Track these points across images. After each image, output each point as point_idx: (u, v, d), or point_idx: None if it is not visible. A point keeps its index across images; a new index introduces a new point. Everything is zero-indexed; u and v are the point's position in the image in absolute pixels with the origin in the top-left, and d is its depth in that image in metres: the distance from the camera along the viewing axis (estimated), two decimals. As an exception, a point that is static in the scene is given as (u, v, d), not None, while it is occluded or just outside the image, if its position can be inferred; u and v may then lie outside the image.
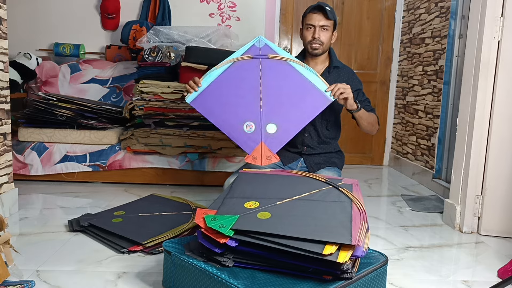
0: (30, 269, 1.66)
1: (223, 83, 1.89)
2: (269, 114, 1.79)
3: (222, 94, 1.88)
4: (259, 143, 1.74)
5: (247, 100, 1.82)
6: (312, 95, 1.80)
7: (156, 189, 2.91)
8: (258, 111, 1.78)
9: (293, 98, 1.81)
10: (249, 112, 1.80)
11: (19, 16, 3.68)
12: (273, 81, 1.84)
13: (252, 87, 1.84)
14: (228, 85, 1.89)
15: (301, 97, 1.81)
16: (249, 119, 1.80)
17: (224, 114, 1.85)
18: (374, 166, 4.14)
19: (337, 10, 3.89)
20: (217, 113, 1.87)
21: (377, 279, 1.43)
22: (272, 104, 1.80)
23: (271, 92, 1.82)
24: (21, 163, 2.95)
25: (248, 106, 1.81)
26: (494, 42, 2.16)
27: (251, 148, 1.76)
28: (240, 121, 1.81)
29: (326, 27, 2.11)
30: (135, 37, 3.39)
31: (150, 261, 1.77)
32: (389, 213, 2.62)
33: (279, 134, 1.78)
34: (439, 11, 3.23)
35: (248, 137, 1.78)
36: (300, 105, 1.80)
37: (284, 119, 1.79)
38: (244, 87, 1.86)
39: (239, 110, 1.84)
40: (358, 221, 1.40)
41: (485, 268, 1.84)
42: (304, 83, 1.80)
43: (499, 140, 2.18)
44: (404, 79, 3.89)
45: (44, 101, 2.97)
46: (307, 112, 1.79)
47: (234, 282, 1.28)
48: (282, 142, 1.80)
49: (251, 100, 1.82)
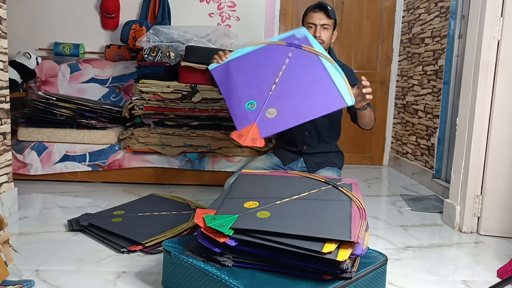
0: (30, 269, 1.66)
1: (248, 61, 1.85)
2: (276, 99, 1.71)
3: (242, 69, 1.83)
4: (252, 123, 1.67)
5: (261, 80, 1.77)
6: (328, 93, 1.69)
7: (156, 188, 2.91)
8: (267, 93, 1.72)
9: (306, 90, 1.72)
10: (258, 92, 1.74)
11: (18, 16, 3.68)
12: (296, 70, 1.77)
13: (273, 71, 1.78)
14: (251, 63, 1.84)
15: (316, 92, 1.72)
16: (255, 98, 1.73)
17: (235, 88, 1.80)
18: (373, 166, 4.14)
19: (337, 10, 3.89)
20: (229, 85, 1.82)
21: (377, 279, 1.43)
22: (283, 91, 1.73)
23: (288, 80, 1.75)
24: (21, 163, 2.95)
25: (260, 86, 1.75)
26: (493, 42, 2.16)
27: (243, 125, 1.69)
28: (246, 98, 1.75)
29: (326, 26, 2.12)
30: (134, 36, 3.39)
31: (149, 260, 1.77)
32: (389, 213, 2.62)
33: (276, 119, 1.68)
34: (439, 11, 3.23)
35: (245, 114, 1.71)
36: (311, 99, 1.70)
37: (288, 107, 1.70)
38: (265, 68, 1.81)
39: (250, 88, 1.78)
40: (358, 219, 1.41)
41: (485, 268, 1.84)
42: (326, 80, 1.70)
43: (499, 139, 2.19)
44: (403, 79, 3.89)
45: (43, 101, 2.97)
46: (316, 108, 1.69)
47: (233, 282, 1.28)
48: (276, 128, 1.69)
49: (265, 82, 1.76)
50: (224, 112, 2.96)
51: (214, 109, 2.96)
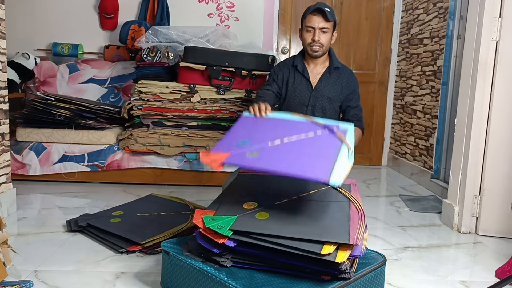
0: (28, 269, 1.65)
1: (278, 123, 1.73)
2: (269, 149, 1.54)
3: (267, 126, 1.72)
4: (228, 152, 1.51)
5: (272, 135, 1.62)
6: (321, 164, 1.46)
7: (155, 189, 2.91)
8: (266, 143, 1.56)
9: (303, 154, 1.52)
10: (260, 139, 1.60)
11: (17, 16, 3.68)
12: (311, 142, 1.59)
13: (290, 134, 1.62)
14: (278, 125, 1.72)
15: (310, 158, 1.50)
16: (252, 141, 1.60)
17: (246, 132, 1.70)
18: (372, 166, 4.14)
19: (336, 10, 3.89)
20: (243, 129, 1.72)
21: (375, 279, 1.44)
22: (282, 147, 1.55)
23: (296, 144, 1.57)
24: (19, 163, 2.95)
25: (266, 136, 1.61)
26: (492, 42, 2.17)
27: (218, 150, 1.54)
28: (245, 138, 1.63)
29: (325, 29, 2.11)
30: (133, 37, 3.39)
31: (148, 261, 1.77)
32: (387, 213, 2.62)
33: (251, 159, 1.49)
34: (438, 11, 3.23)
35: (230, 145, 1.58)
36: (298, 160, 1.48)
37: (271, 156, 1.50)
38: (285, 131, 1.65)
39: (257, 136, 1.65)
40: (356, 220, 1.41)
41: (483, 268, 1.84)
42: (330, 155, 1.50)
43: (497, 140, 2.19)
44: (402, 80, 3.90)
45: (42, 101, 2.96)
46: (296, 167, 1.44)
47: (232, 282, 1.28)
48: (245, 163, 1.49)
49: (274, 136, 1.60)
50: (222, 112, 2.96)
51: (212, 110, 2.96)
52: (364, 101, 4.02)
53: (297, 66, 2.24)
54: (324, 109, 2.22)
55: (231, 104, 2.98)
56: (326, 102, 2.21)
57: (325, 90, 2.21)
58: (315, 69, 2.24)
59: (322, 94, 2.21)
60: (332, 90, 2.21)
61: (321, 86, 2.22)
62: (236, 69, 2.95)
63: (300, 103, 2.23)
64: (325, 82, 2.22)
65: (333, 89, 2.21)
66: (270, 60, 3.01)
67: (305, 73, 2.23)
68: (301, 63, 2.25)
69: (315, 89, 2.22)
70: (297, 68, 2.25)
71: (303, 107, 2.23)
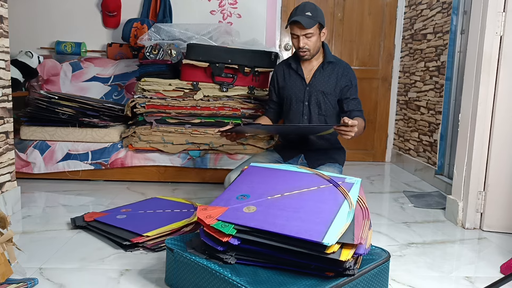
0: (33, 267, 1.66)
1: (284, 173, 1.71)
2: (267, 204, 1.50)
3: (272, 176, 1.70)
4: (226, 207, 1.50)
5: (273, 189, 1.59)
6: (316, 224, 1.37)
7: (158, 186, 2.92)
8: (265, 197, 1.54)
9: (301, 211, 1.45)
10: (261, 193, 1.57)
11: (20, 15, 3.68)
12: (311, 196, 1.54)
13: (291, 187, 1.59)
14: (283, 177, 1.69)
15: (306, 217, 1.42)
16: (252, 195, 1.57)
17: (249, 182, 1.68)
18: (376, 163, 4.14)
19: (339, 7, 3.88)
20: (247, 178, 1.71)
21: (380, 275, 1.43)
22: (281, 202, 1.51)
23: (295, 198, 1.53)
24: (24, 162, 2.96)
25: (267, 190, 1.58)
26: (496, 37, 2.15)
27: (217, 204, 1.53)
28: (245, 191, 1.61)
29: (309, 34, 2.11)
30: (136, 35, 3.39)
31: (152, 258, 1.78)
32: (391, 210, 2.62)
33: (246, 215, 1.45)
34: (441, 6, 3.21)
35: (229, 199, 1.56)
36: (295, 220, 1.40)
37: (268, 212, 1.45)
38: (288, 185, 1.61)
39: (257, 188, 1.62)
40: (361, 219, 1.40)
41: (488, 264, 1.83)
42: (327, 213, 1.42)
43: (502, 135, 2.18)
44: (406, 75, 3.88)
45: (45, 100, 2.97)
46: (290, 227, 1.36)
47: (236, 279, 1.28)
48: (238, 220, 1.42)
49: (274, 190, 1.58)
50: (225, 109, 2.96)
51: (215, 107, 2.96)
52: (367, 97, 4.04)
53: (290, 64, 2.27)
54: (319, 104, 2.21)
55: (234, 101, 2.97)
56: (320, 96, 2.21)
57: (319, 84, 2.21)
58: (309, 65, 2.25)
59: (317, 88, 2.21)
60: (327, 84, 2.21)
61: (315, 81, 2.22)
62: (239, 66, 2.94)
63: (296, 100, 2.25)
64: (319, 76, 2.22)
65: (327, 83, 2.21)
66: (273, 57, 3.00)
67: (298, 70, 2.24)
68: (295, 61, 2.26)
69: (309, 85, 2.22)
70: (291, 66, 2.27)
71: (300, 104, 2.24)
